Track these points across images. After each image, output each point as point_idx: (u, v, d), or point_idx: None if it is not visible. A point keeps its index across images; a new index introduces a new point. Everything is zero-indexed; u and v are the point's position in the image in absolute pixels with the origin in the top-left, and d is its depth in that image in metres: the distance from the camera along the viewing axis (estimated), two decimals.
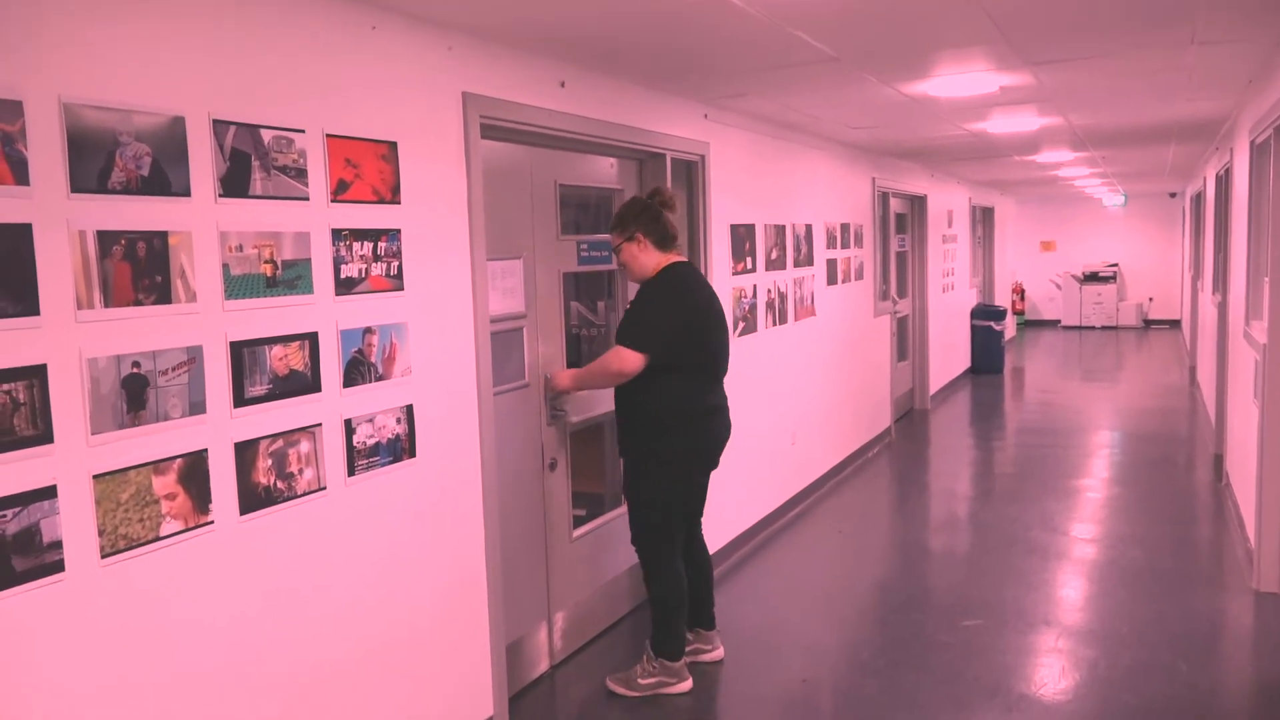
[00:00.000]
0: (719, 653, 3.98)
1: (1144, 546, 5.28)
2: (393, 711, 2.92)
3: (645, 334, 3.51)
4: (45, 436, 1.96)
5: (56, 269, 1.97)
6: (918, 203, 9.52)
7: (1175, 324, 16.84)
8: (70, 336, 2.00)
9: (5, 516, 1.89)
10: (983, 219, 13.52)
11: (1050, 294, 18.03)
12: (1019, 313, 17.56)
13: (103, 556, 2.07)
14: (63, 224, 1.98)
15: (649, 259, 3.61)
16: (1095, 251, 17.64)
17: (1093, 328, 17.13)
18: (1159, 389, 10.69)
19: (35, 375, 1.94)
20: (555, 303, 3.94)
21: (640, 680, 3.69)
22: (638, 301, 3.61)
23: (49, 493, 1.97)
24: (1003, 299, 14.80)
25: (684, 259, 3.72)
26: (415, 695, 3.01)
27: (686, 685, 3.71)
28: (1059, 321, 17.72)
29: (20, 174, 1.90)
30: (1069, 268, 17.57)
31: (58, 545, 1.98)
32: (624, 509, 4.32)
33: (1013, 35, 3.60)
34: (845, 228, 7.17)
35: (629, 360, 3.49)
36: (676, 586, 3.67)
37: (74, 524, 2.02)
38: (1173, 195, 16.70)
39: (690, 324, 3.56)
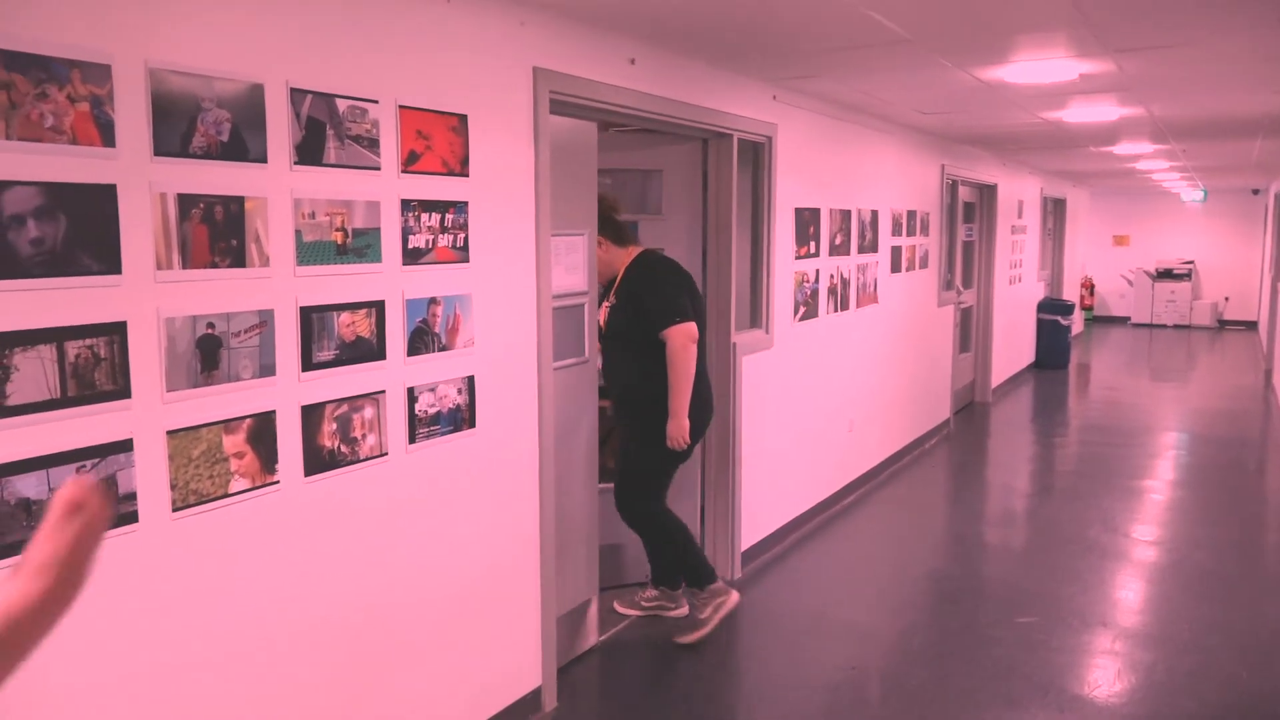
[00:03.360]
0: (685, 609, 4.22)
1: (1208, 550, 5.15)
2: (443, 674, 2.98)
3: (677, 305, 3.78)
4: (123, 392, 2.03)
5: (138, 230, 2.03)
6: (987, 191, 9.33)
7: (1252, 325, 16.30)
8: (149, 296, 2.06)
9: (85, 466, 1.96)
10: (1054, 210, 13.20)
11: (1121, 290, 17.56)
12: (1087, 308, 17.15)
13: (174, 510, 2.14)
14: (145, 186, 2.04)
15: (612, 256, 3.90)
16: (1170, 248, 17.12)
17: (1164, 326, 16.66)
18: (1231, 391, 10.37)
19: (115, 332, 2.00)
20: None
21: (701, 616, 3.95)
22: (644, 287, 3.84)
23: (126, 446, 2.04)
24: (1071, 293, 14.46)
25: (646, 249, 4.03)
26: (465, 660, 3.07)
27: (735, 597, 4.03)
28: (1129, 318, 17.27)
29: (107, 136, 1.96)
30: (1142, 263, 17.09)
31: (132, 497, 2.06)
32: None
33: (1096, 20, 3.50)
34: (912, 215, 7.06)
35: (686, 331, 3.75)
36: (678, 524, 3.97)
37: (148, 477, 2.09)
38: (1256, 192, 16.12)
39: (690, 291, 3.92)
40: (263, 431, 2.33)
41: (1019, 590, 4.59)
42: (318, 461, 2.48)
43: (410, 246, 2.72)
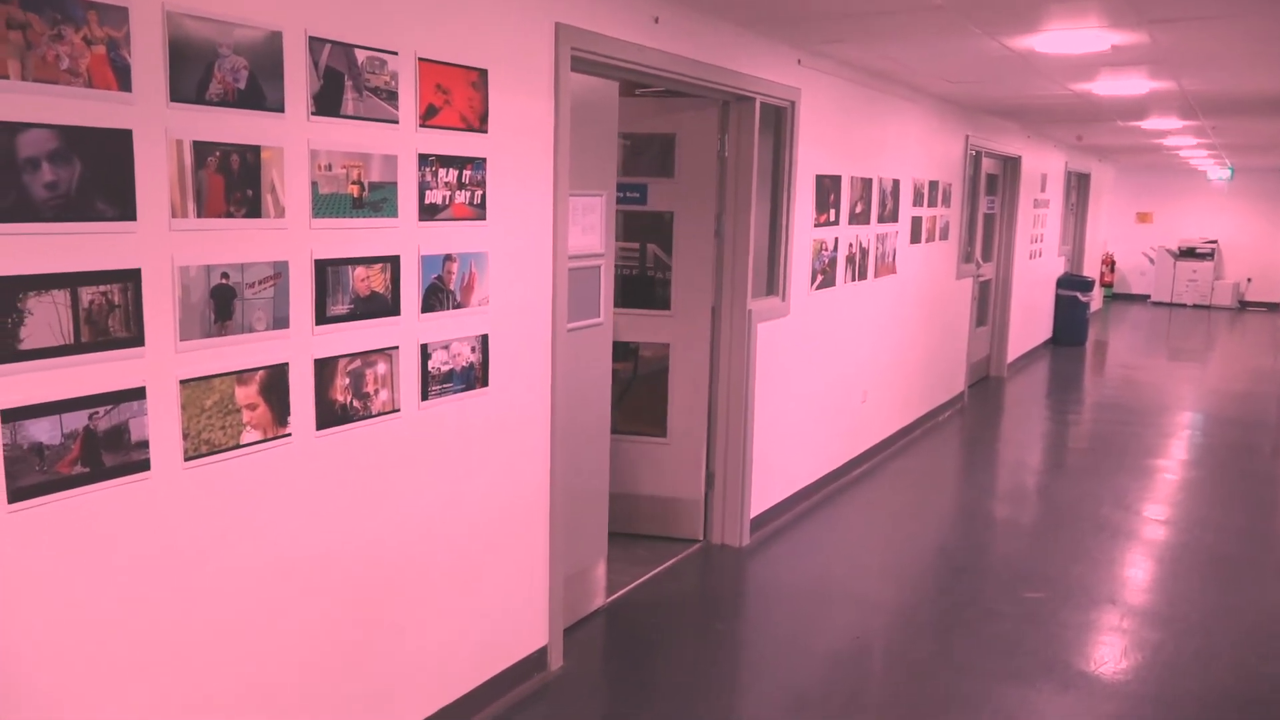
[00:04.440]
0: None
1: (1219, 532, 5.12)
2: (450, 631, 2.99)
3: None
4: (137, 339, 2.02)
5: (154, 176, 2.01)
6: (1011, 164, 9.21)
7: (1274, 307, 16.13)
8: (164, 243, 2.05)
9: (98, 413, 1.96)
10: (1078, 185, 13.04)
11: (1142, 267, 17.38)
12: (1107, 285, 16.99)
13: (186, 459, 2.14)
14: (162, 132, 2.01)
15: None
16: (1194, 226, 16.91)
17: (1184, 305, 16.50)
18: (1250, 373, 10.28)
19: (130, 279, 1.99)
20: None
21: None
22: None
23: (138, 394, 2.03)
24: (1091, 269, 14.33)
25: None
26: (473, 617, 3.08)
27: None
28: (1149, 296, 17.11)
29: (124, 80, 1.94)
30: (1164, 241, 16.90)
31: (144, 445, 2.06)
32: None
33: None
34: (934, 185, 6.98)
35: None
36: None
37: (160, 426, 2.08)
38: None
39: None
40: (275, 384, 2.33)
41: (1027, 566, 4.58)
42: (330, 415, 2.48)
43: (427, 202, 2.70)
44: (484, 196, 2.90)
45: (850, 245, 5.60)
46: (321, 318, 2.43)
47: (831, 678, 3.48)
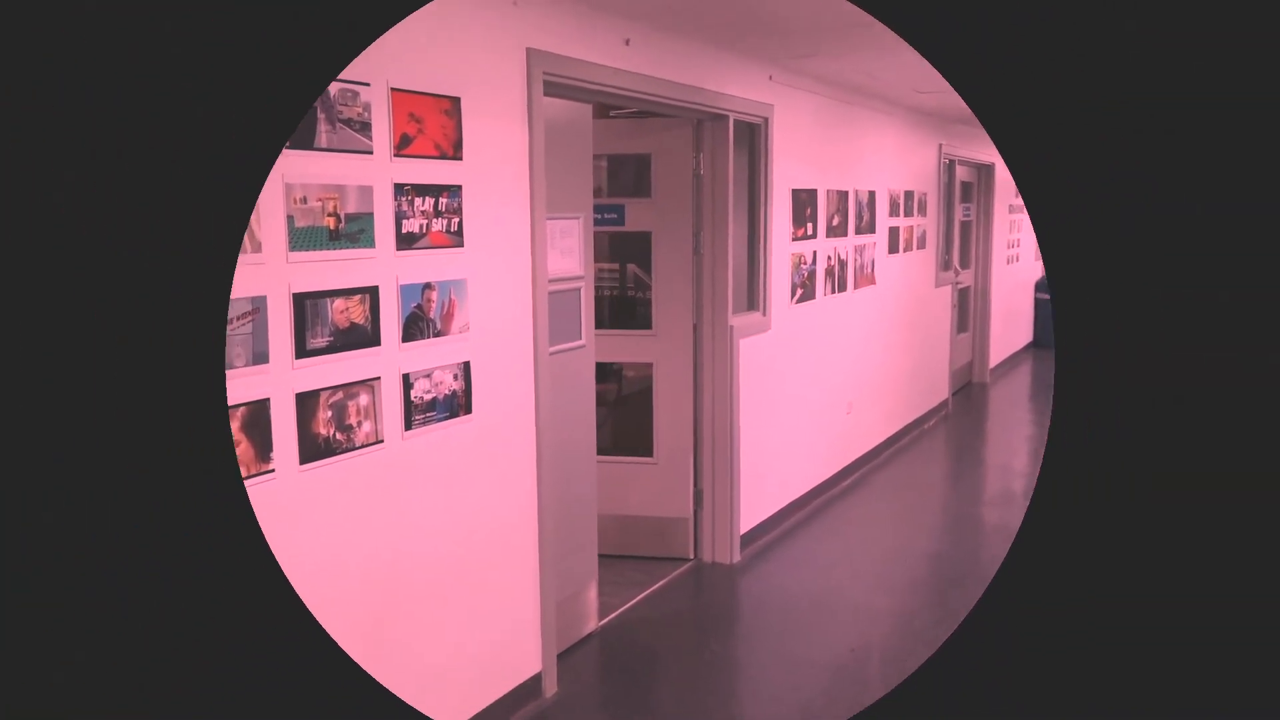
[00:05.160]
0: None
1: None
2: (442, 659, 2.97)
3: None
4: None
5: None
6: (985, 171, 9.30)
7: None
8: None
9: None
10: None
11: None
12: None
13: None
14: None
15: None
16: None
17: None
18: None
19: None
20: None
21: None
22: None
23: None
24: None
25: None
26: (464, 646, 3.06)
27: None
28: None
29: None
30: None
31: None
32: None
33: None
34: (909, 195, 7.03)
35: None
36: None
37: None
38: None
39: None
40: (257, 419, 2.31)
41: None
42: (313, 449, 2.46)
43: (404, 231, 2.69)
44: (461, 224, 2.90)
45: (829, 258, 5.63)
46: (301, 351, 2.42)
47: (831, 690, 3.46)
